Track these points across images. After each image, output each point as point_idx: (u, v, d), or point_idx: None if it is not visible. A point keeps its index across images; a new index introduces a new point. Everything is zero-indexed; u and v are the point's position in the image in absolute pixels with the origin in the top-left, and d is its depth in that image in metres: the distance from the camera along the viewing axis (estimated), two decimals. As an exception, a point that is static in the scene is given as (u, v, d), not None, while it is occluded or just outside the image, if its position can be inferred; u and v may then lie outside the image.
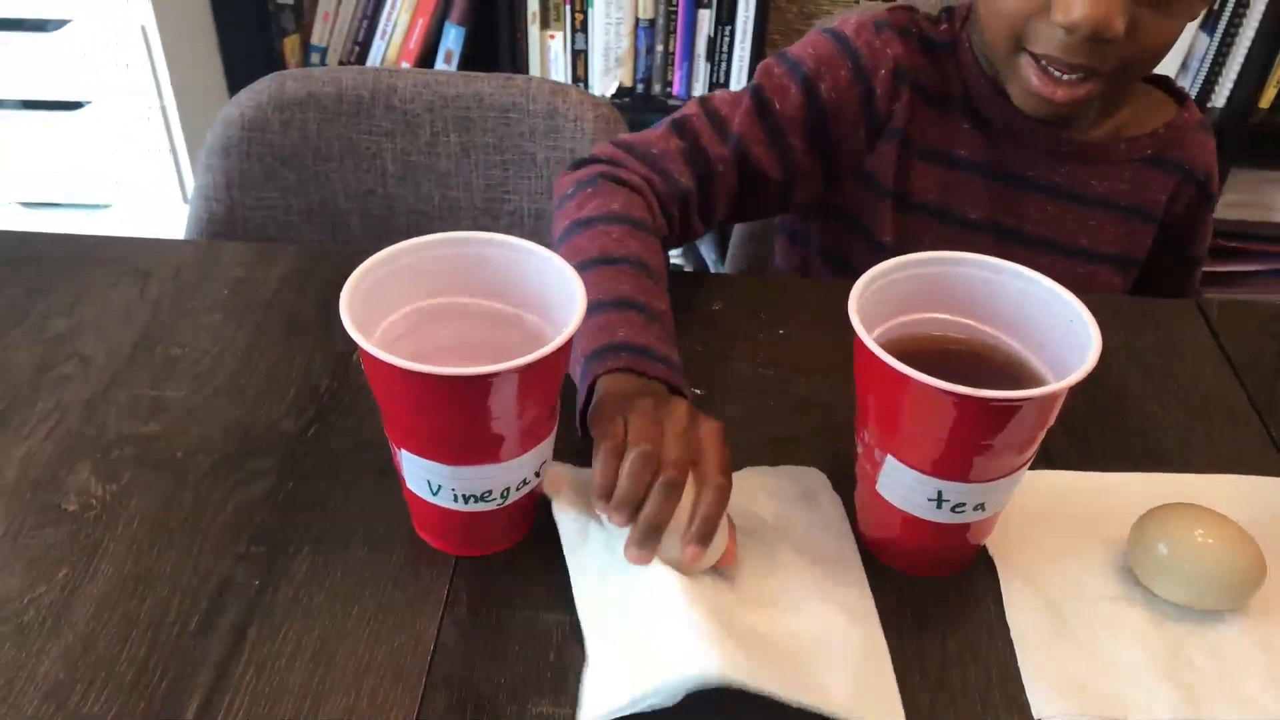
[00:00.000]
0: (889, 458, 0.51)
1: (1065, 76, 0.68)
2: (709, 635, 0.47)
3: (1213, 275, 1.97)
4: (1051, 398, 0.47)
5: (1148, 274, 0.83)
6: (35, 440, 0.61)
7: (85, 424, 0.62)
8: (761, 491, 0.58)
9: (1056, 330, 0.51)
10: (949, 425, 0.48)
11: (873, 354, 0.48)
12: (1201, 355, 0.70)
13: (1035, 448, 0.51)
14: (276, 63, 1.79)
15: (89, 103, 1.61)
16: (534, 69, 1.76)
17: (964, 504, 0.51)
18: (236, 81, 1.78)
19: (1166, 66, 1.68)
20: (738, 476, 0.59)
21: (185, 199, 1.69)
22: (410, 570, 0.54)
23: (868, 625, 0.51)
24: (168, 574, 0.54)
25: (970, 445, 0.49)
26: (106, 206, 1.71)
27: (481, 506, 0.52)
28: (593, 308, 0.58)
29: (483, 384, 0.46)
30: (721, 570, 0.53)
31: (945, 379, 0.46)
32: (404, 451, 0.51)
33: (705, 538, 0.50)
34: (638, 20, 1.71)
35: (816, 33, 0.77)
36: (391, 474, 0.55)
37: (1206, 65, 1.74)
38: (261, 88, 0.85)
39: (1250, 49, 1.72)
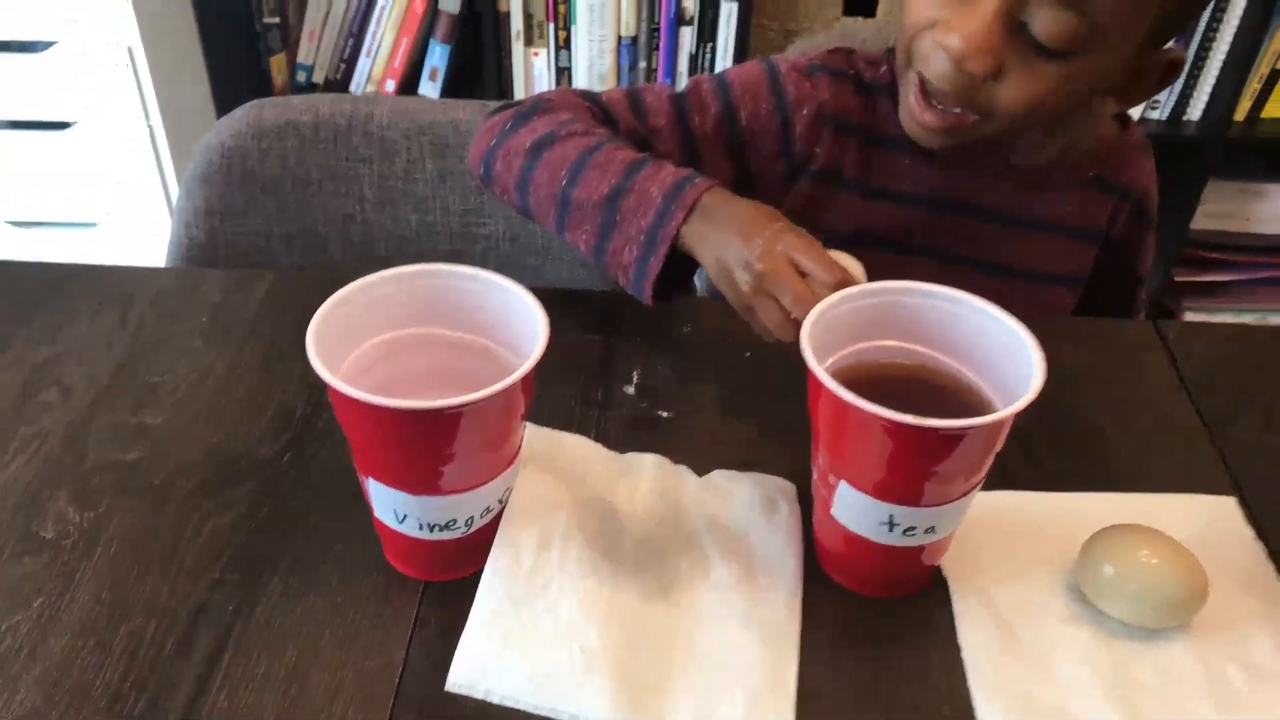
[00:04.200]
0: (841, 483, 0.53)
1: (936, 100, 0.69)
2: (598, 672, 0.50)
3: (1193, 285, 1.99)
4: (996, 425, 0.49)
5: (1093, 292, 0.85)
6: (15, 468, 0.62)
7: (65, 451, 0.63)
8: (726, 496, 0.60)
9: (1004, 356, 0.53)
10: (896, 452, 0.50)
11: (822, 383, 0.49)
12: (1158, 376, 0.72)
13: (984, 472, 0.53)
14: (263, 81, 1.80)
15: (76, 122, 1.62)
16: (518, 86, 1.78)
17: (914, 527, 0.52)
18: (223, 99, 1.79)
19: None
20: (707, 479, 0.61)
21: (172, 218, 1.71)
22: (380, 594, 0.56)
23: (782, 650, 0.53)
24: (144, 600, 0.55)
25: (918, 471, 0.50)
26: (93, 225, 1.73)
27: (446, 535, 0.53)
28: (614, 192, 0.67)
29: (442, 417, 0.48)
30: (662, 574, 0.55)
31: (896, 406, 0.48)
32: (371, 480, 0.52)
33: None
34: (620, 38, 1.73)
35: (758, 61, 0.80)
36: (364, 499, 0.56)
37: (1182, 79, 1.76)
38: (241, 115, 0.87)
39: (1224, 63, 1.75)
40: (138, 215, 1.70)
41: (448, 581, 0.56)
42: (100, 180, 1.67)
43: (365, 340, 0.54)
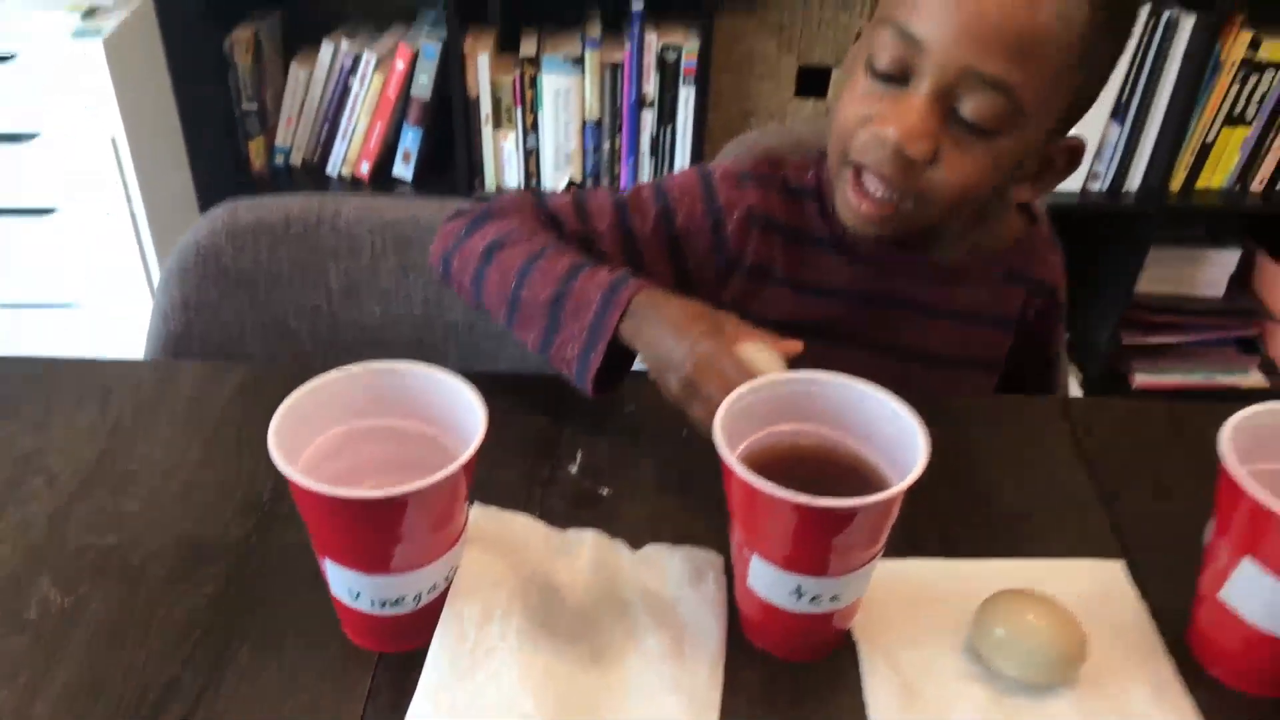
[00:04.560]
0: (754, 556, 0.58)
1: (873, 189, 0.75)
2: None
3: (1141, 348, 2.07)
4: (887, 501, 0.55)
5: (1013, 373, 0.91)
6: (1, 553, 0.67)
7: (49, 536, 0.68)
8: (658, 569, 0.66)
9: (897, 438, 0.59)
10: (799, 529, 0.56)
11: (734, 470, 0.55)
12: (1060, 450, 0.78)
13: (882, 542, 0.58)
14: (242, 164, 1.87)
15: (59, 209, 1.68)
16: (488, 167, 1.86)
17: (820, 595, 0.58)
18: (204, 182, 1.86)
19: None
20: (641, 553, 0.66)
21: (153, 299, 1.76)
22: (338, 666, 0.61)
23: (704, 715, 0.58)
24: (119, 675, 0.60)
25: (820, 545, 0.56)
26: (74, 306, 1.78)
27: (396, 610, 0.58)
28: (557, 295, 0.74)
29: (390, 504, 0.53)
30: (596, 644, 0.61)
31: (803, 485, 0.54)
32: (328, 561, 0.58)
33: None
34: (585, 121, 1.82)
35: (693, 168, 0.87)
36: (322, 577, 0.61)
37: (1119, 153, 1.86)
38: (216, 215, 0.93)
39: (1158, 138, 1.84)
40: (119, 297, 1.76)
41: (399, 654, 0.61)
42: (82, 264, 1.72)
43: (321, 433, 0.60)
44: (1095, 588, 0.66)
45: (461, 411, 0.60)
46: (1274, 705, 0.61)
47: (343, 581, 0.58)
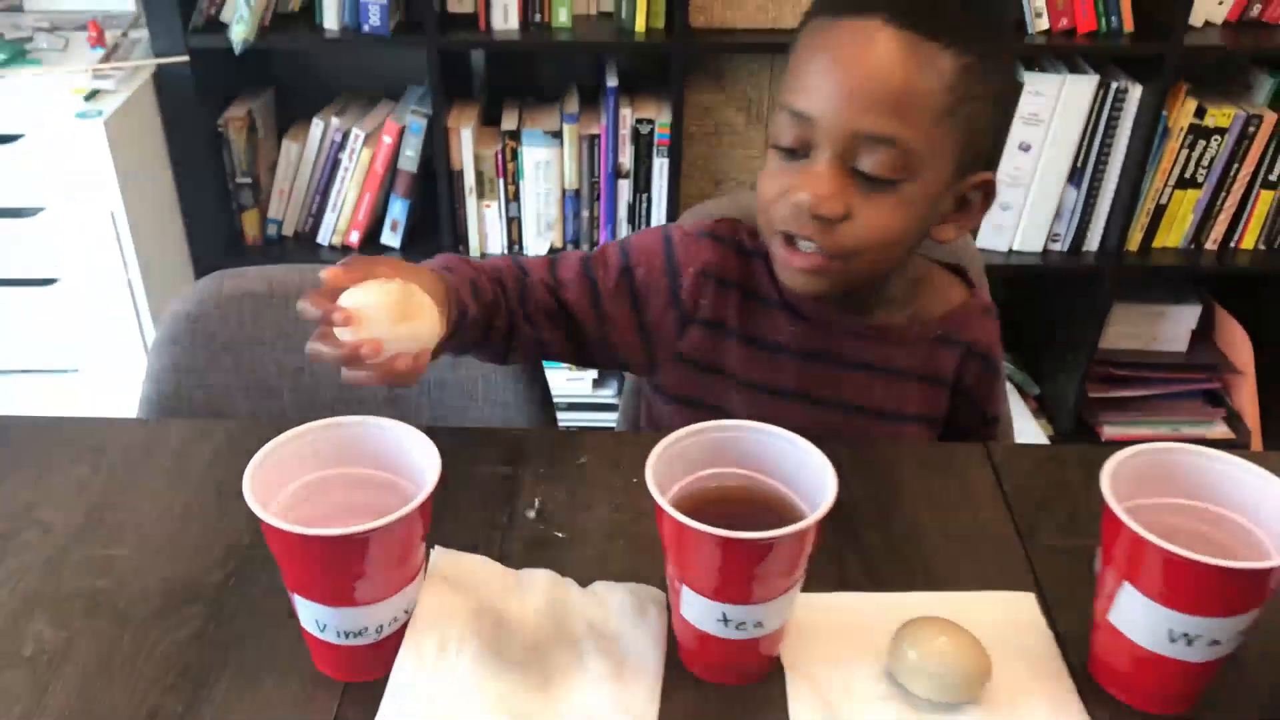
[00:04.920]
0: (684, 587, 0.64)
1: (804, 248, 0.82)
2: None
3: (1106, 401, 2.13)
4: (799, 534, 0.61)
5: (957, 434, 0.97)
6: (0, 596, 0.73)
7: (44, 581, 0.74)
8: (604, 604, 0.71)
9: (812, 478, 0.65)
10: (723, 561, 0.62)
11: (662, 508, 0.61)
12: (983, 492, 0.84)
13: (799, 573, 0.64)
14: (236, 235, 1.95)
15: (59, 280, 1.76)
16: (473, 235, 1.94)
17: (745, 622, 0.64)
18: (199, 253, 1.94)
19: (1040, 213, 1.87)
20: (589, 590, 0.72)
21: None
22: (307, 695, 0.66)
23: None
24: (108, 706, 0.65)
25: (742, 575, 0.62)
26: (74, 371, 1.85)
27: (359, 641, 0.64)
28: None
29: (352, 541, 0.59)
30: (545, 670, 0.66)
31: (728, 523, 0.60)
32: (297, 596, 0.64)
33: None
34: (564, 190, 1.90)
35: (657, 228, 0.94)
36: (294, 616, 0.67)
37: (1078, 215, 1.94)
38: (204, 286, 1.00)
39: (1113, 201, 1.92)
40: (116, 363, 1.82)
41: (363, 684, 0.67)
42: (82, 331, 1.79)
43: (293, 481, 0.66)
44: (1007, 617, 0.72)
45: (419, 460, 0.66)
46: (1169, 722, 0.66)
47: (310, 614, 0.63)
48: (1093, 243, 1.97)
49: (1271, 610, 0.63)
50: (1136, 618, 0.63)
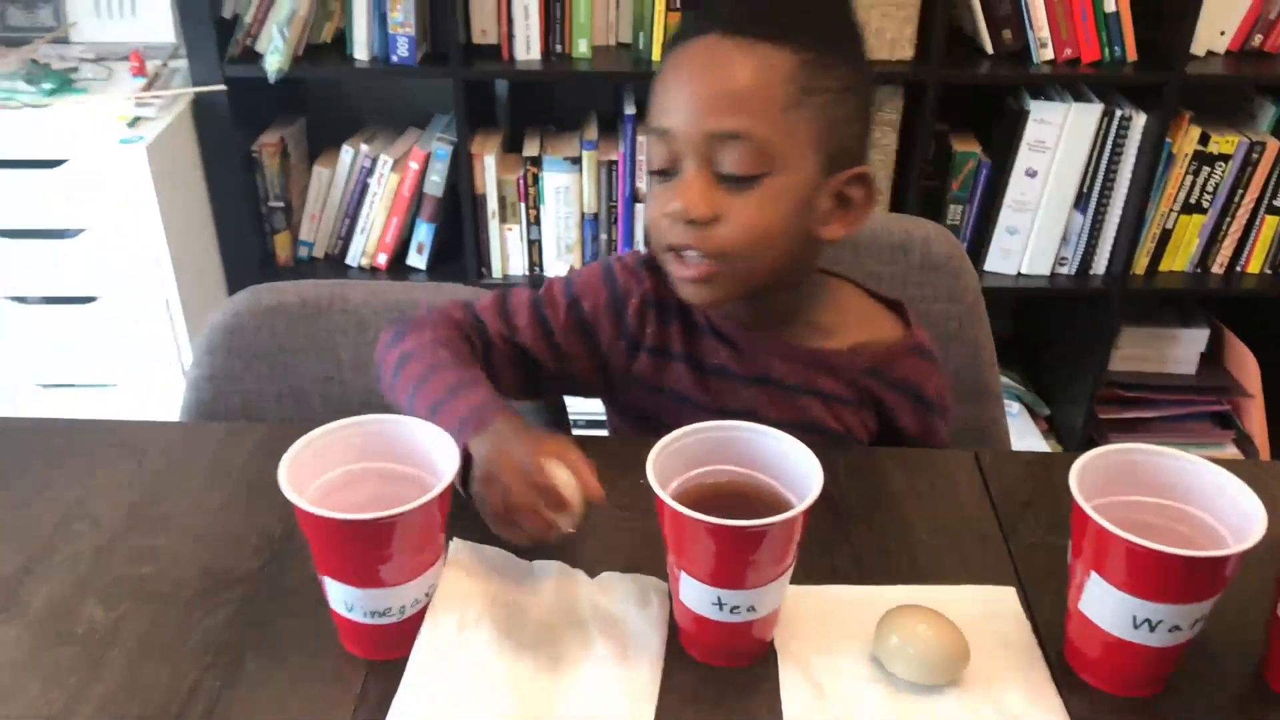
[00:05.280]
0: (682, 573, 0.69)
1: (686, 254, 0.87)
2: None
3: (1116, 422, 2.17)
4: (788, 522, 0.66)
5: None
6: (54, 580, 0.79)
7: (94, 567, 0.80)
8: (610, 592, 0.76)
9: (801, 474, 0.70)
10: (718, 548, 0.67)
11: (663, 500, 0.67)
12: (970, 493, 0.89)
13: (789, 560, 0.69)
14: (268, 256, 2.03)
15: (99, 298, 1.83)
16: (495, 257, 2.00)
17: (739, 606, 0.69)
18: (232, 273, 2.02)
19: (1047, 238, 1.91)
20: (597, 579, 0.77)
21: (185, 379, 1.90)
22: (333, 673, 0.72)
23: (641, 710, 0.68)
24: (151, 679, 0.71)
25: (736, 561, 0.67)
26: (112, 386, 1.92)
27: (384, 620, 0.70)
28: (433, 409, 0.82)
29: (378, 525, 0.65)
30: (555, 651, 0.71)
31: (723, 515, 0.65)
32: (327, 579, 0.69)
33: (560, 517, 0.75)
34: (584, 214, 1.97)
35: (598, 261, 0.99)
36: (323, 602, 0.73)
37: (1084, 239, 1.98)
38: (241, 299, 1.07)
39: (1119, 225, 1.97)
40: (153, 378, 1.90)
41: (386, 662, 0.72)
42: (120, 347, 1.87)
43: (325, 473, 0.72)
44: (988, 609, 0.77)
45: (440, 455, 0.72)
46: (1142, 704, 0.70)
47: (339, 595, 0.69)
48: (1099, 266, 2.01)
49: (1232, 600, 0.68)
50: (1104, 606, 0.68)
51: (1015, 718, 0.68)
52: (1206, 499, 0.70)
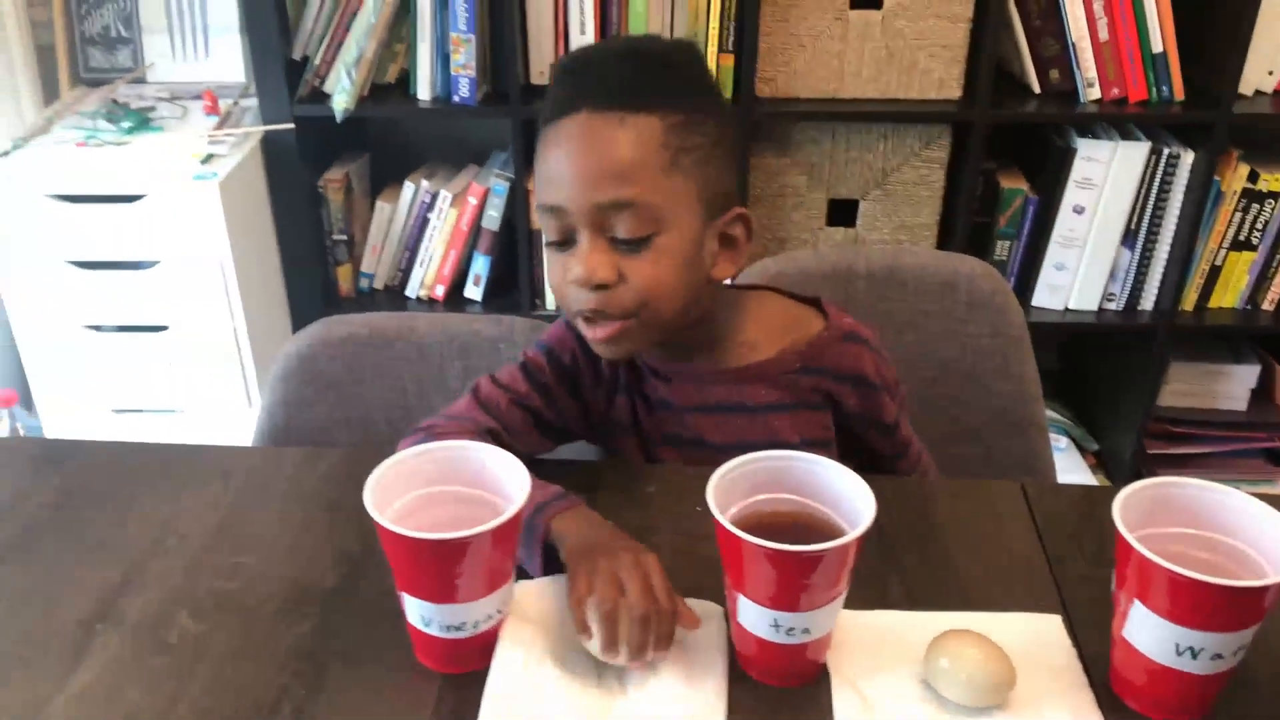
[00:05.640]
0: (741, 596, 0.73)
1: (599, 320, 0.91)
2: None
3: (1165, 458, 2.17)
4: (843, 548, 0.70)
5: (868, 451, 1.02)
6: (149, 594, 0.84)
7: (184, 582, 0.86)
8: None
9: (854, 502, 0.74)
10: (777, 572, 0.71)
11: (721, 524, 0.71)
12: (1017, 523, 0.91)
13: (843, 585, 0.73)
14: (331, 288, 2.10)
15: (170, 327, 1.91)
16: (548, 289, 2.06)
17: (795, 628, 0.72)
18: (296, 304, 2.09)
19: (1095, 274, 1.93)
20: None
21: (249, 405, 1.97)
22: (409, 684, 0.76)
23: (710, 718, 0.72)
24: (241, 685, 0.76)
25: (793, 585, 0.71)
26: (178, 412, 1.99)
27: (459, 634, 0.74)
28: None
29: (455, 545, 0.69)
30: (622, 674, 0.75)
31: (777, 541, 0.69)
32: (405, 594, 0.74)
33: (661, 642, 0.75)
34: (635, 248, 2.01)
35: (559, 321, 1.03)
36: (399, 615, 0.77)
37: (1132, 275, 2.00)
38: (314, 330, 1.12)
39: (1168, 262, 1.98)
40: (218, 404, 1.97)
41: (458, 675, 0.76)
42: (189, 375, 1.94)
43: (405, 495, 0.77)
44: (1034, 636, 0.79)
45: (512, 481, 0.76)
46: (1182, 732, 0.73)
47: (417, 610, 0.74)
48: (1148, 302, 2.02)
49: (1274, 629, 0.70)
50: (1148, 633, 0.70)
51: (1061, 740, 0.71)
52: (1246, 531, 0.72)
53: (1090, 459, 2.22)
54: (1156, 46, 1.83)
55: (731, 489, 0.76)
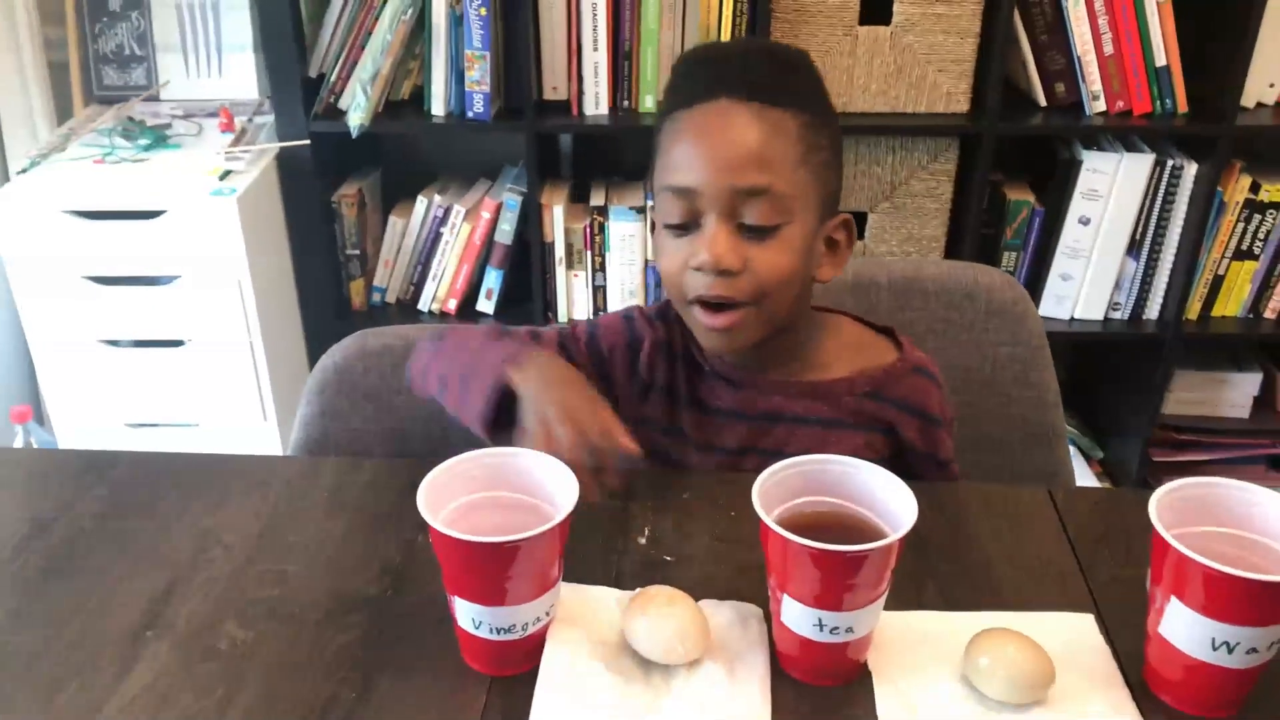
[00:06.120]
0: (785, 596, 0.75)
1: (718, 305, 0.94)
2: None
3: (1169, 465, 2.19)
4: (886, 548, 0.71)
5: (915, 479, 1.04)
6: (196, 602, 0.86)
7: (229, 590, 0.87)
8: (712, 618, 0.81)
9: (896, 505, 0.76)
10: (822, 572, 0.72)
11: (767, 525, 0.72)
12: (1046, 528, 0.93)
13: (885, 585, 0.74)
14: (344, 302, 2.11)
15: (188, 341, 1.93)
16: (561, 302, 2.08)
17: (838, 627, 0.74)
18: (309, 317, 2.10)
19: (1100, 283, 1.96)
20: (699, 605, 0.82)
21: (265, 419, 1.99)
22: (458, 687, 0.77)
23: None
24: (290, 691, 0.77)
25: (836, 584, 0.72)
26: (194, 426, 2.01)
27: (509, 636, 0.76)
28: (480, 348, 0.98)
29: (505, 549, 0.71)
30: (673, 669, 0.76)
31: (820, 542, 0.70)
32: (456, 598, 0.75)
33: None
34: (647, 261, 2.04)
35: (619, 310, 1.07)
36: (443, 622, 0.78)
37: (1137, 285, 2.03)
38: (349, 343, 1.14)
39: (1171, 272, 2.01)
40: (235, 418, 1.98)
41: (507, 677, 0.78)
42: (205, 389, 1.96)
43: (454, 500, 0.78)
44: (1069, 635, 0.81)
45: (558, 486, 0.78)
46: (1216, 727, 0.75)
47: (467, 613, 0.75)
48: (1152, 311, 2.05)
49: (1305, 626, 0.72)
50: (1183, 629, 0.72)
51: (1100, 736, 0.73)
52: (1276, 529, 0.74)
53: (1096, 467, 2.24)
54: (1160, 60, 1.86)
55: (775, 492, 0.77)
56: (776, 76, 0.95)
